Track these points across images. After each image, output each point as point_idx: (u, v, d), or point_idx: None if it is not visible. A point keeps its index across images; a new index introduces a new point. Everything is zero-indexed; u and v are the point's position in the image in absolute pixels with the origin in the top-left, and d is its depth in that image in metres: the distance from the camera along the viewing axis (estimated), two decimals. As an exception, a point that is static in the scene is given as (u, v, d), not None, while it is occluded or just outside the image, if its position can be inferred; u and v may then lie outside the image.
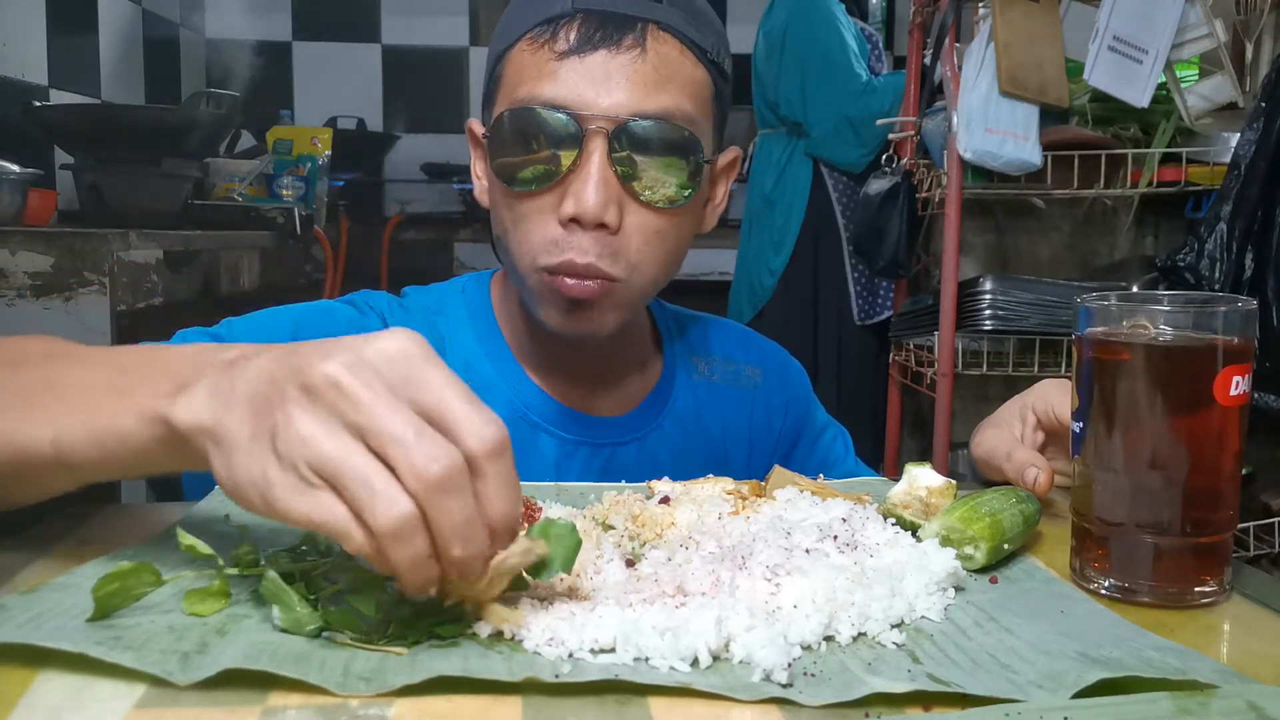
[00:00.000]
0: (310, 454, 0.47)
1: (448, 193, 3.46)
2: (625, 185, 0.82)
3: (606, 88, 0.81)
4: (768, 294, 2.75)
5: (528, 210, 0.84)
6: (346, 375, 0.48)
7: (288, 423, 0.48)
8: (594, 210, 0.80)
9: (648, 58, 0.82)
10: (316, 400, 0.48)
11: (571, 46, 0.81)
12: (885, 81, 2.60)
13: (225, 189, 2.39)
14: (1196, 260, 1.73)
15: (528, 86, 0.82)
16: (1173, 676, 0.48)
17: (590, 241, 0.82)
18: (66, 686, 0.46)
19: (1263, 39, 1.94)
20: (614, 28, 0.81)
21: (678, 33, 0.83)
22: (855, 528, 0.65)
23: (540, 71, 0.82)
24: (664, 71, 0.82)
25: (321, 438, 0.47)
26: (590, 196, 0.80)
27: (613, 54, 0.81)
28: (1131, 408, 0.61)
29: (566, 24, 0.82)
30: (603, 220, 0.81)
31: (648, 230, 0.84)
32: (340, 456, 0.47)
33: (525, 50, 0.84)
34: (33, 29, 2.37)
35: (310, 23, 3.62)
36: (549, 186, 0.82)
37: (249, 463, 0.49)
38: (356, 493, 0.47)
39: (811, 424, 1.09)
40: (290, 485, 0.48)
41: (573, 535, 0.53)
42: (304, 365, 0.49)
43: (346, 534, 0.47)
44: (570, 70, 0.81)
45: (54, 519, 0.72)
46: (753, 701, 0.46)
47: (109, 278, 1.64)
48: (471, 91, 3.69)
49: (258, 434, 0.49)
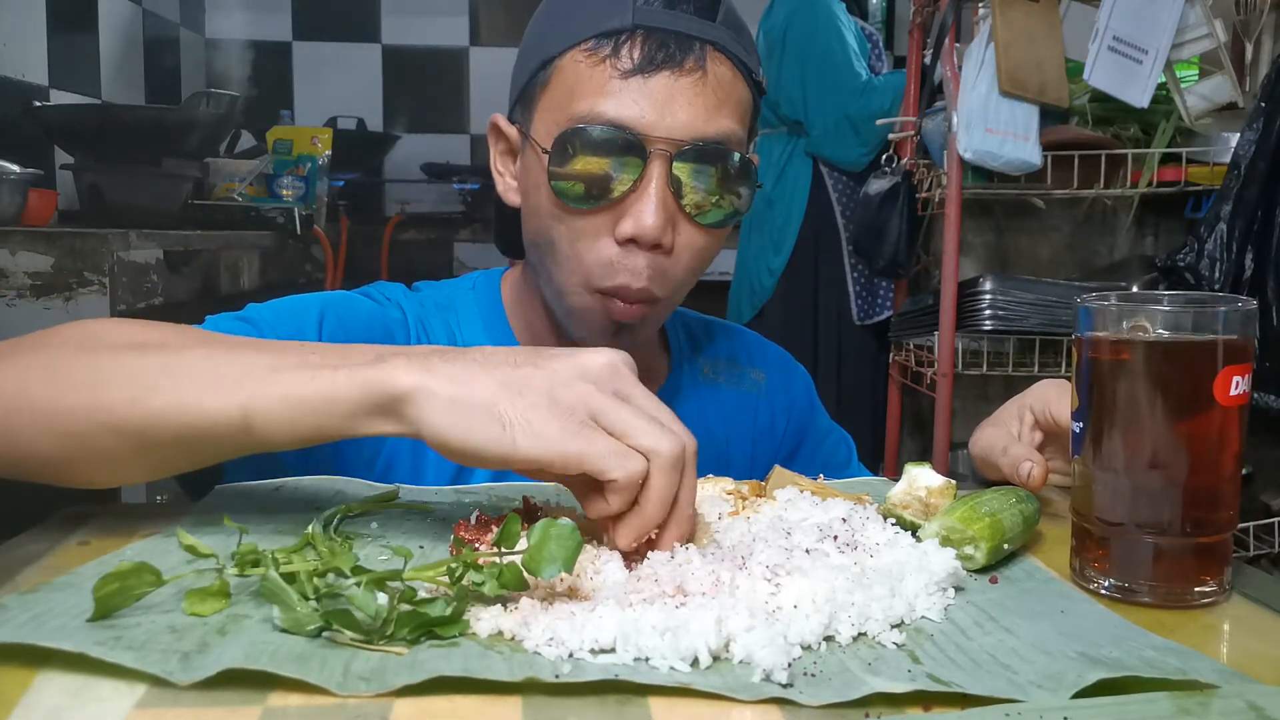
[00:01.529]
0: (593, 403, 0.59)
1: (448, 193, 3.46)
2: (680, 207, 0.83)
3: (670, 110, 0.81)
4: (767, 294, 2.75)
5: (582, 227, 0.84)
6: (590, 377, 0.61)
7: (568, 383, 0.60)
8: (653, 232, 0.82)
9: (708, 81, 0.83)
10: (590, 376, 0.61)
11: (636, 66, 0.81)
12: (886, 80, 2.60)
13: (225, 189, 2.39)
14: (1196, 260, 1.73)
15: (588, 102, 0.82)
16: (1173, 676, 0.48)
17: (645, 263, 0.83)
18: (66, 686, 0.46)
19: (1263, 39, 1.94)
20: (676, 48, 0.82)
21: (731, 54, 0.84)
22: (855, 528, 0.65)
23: (602, 89, 0.82)
24: (720, 95, 0.83)
25: (600, 396, 0.60)
26: (650, 218, 0.81)
27: (675, 76, 0.82)
28: (1131, 408, 0.61)
29: (628, 41, 0.82)
30: (660, 242, 0.82)
31: (695, 249, 0.86)
32: (618, 407, 0.60)
33: (581, 62, 0.83)
34: (33, 29, 2.37)
35: (310, 23, 3.62)
36: (606, 205, 0.83)
37: (504, 409, 0.59)
38: (634, 428, 0.59)
39: (815, 429, 1.09)
40: (565, 427, 0.58)
41: (573, 535, 0.53)
42: (552, 358, 0.62)
43: (607, 466, 0.58)
44: (635, 90, 0.81)
45: (54, 519, 0.72)
46: (753, 701, 0.46)
47: (109, 278, 1.64)
48: (471, 91, 3.69)
49: (513, 391, 0.59)
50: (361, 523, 0.71)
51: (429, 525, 0.71)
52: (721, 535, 0.65)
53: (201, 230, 2.10)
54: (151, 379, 0.63)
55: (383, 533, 0.69)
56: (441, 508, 0.75)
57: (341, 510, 0.71)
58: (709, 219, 0.85)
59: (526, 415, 0.58)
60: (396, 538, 0.68)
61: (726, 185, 0.84)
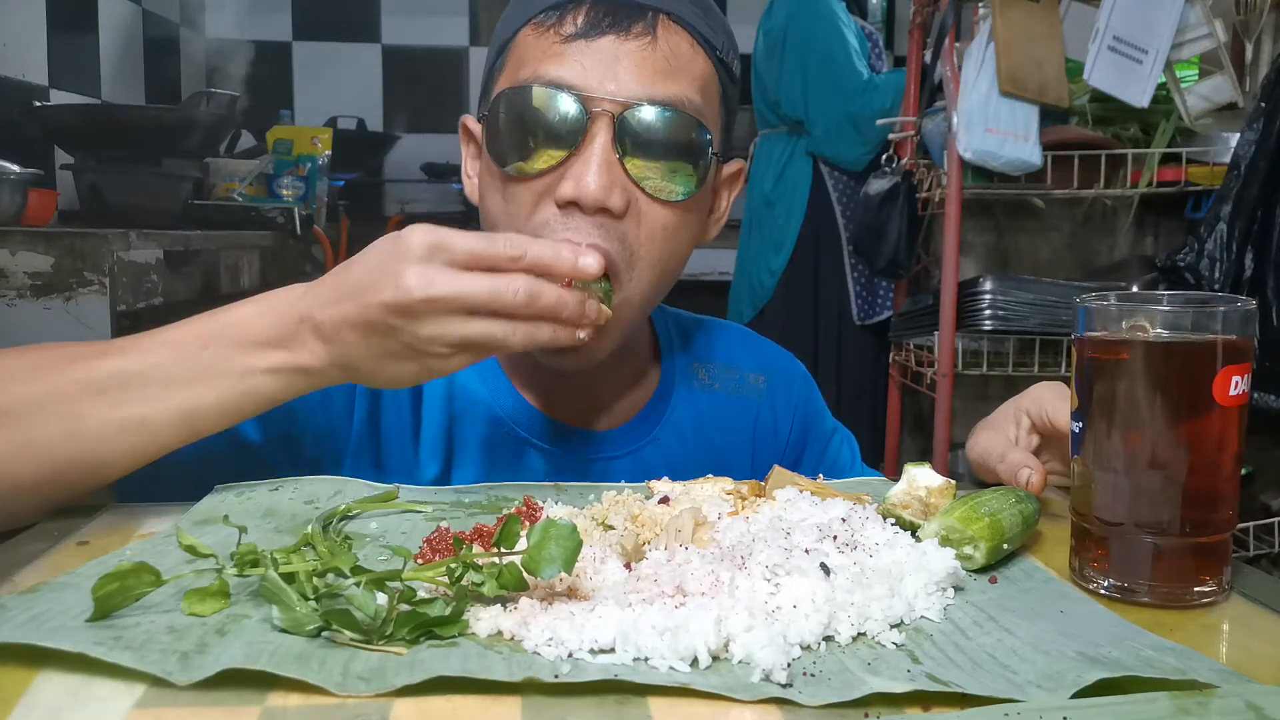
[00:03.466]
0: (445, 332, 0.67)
1: (448, 193, 3.46)
2: (630, 174, 0.79)
3: (614, 71, 0.78)
4: (768, 294, 2.75)
5: (521, 194, 0.80)
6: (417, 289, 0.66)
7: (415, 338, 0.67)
8: (596, 193, 0.76)
9: (658, 46, 0.79)
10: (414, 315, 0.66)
11: (579, 30, 0.79)
12: (886, 79, 2.60)
13: (225, 189, 2.39)
14: (1196, 260, 1.73)
15: (530, 68, 0.80)
16: (1172, 676, 0.48)
17: (592, 225, 0.78)
18: (66, 686, 0.46)
19: (1263, 39, 1.94)
20: (624, 14, 0.79)
21: (689, 26, 0.82)
22: (855, 528, 0.65)
23: (544, 54, 0.79)
24: (674, 62, 0.80)
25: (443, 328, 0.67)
26: (592, 179, 0.76)
27: (622, 39, 0.79)
28: (1131, 408, 0.61)
29: (574, 9, 0.80)
30: (605, 204, 0.77)
31: (653, 225, 0.81)
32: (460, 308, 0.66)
33: (529, 35, 0.81)
34: (33, 29, 2.37)
35: (310, 23, 3.62)
36: (547, 170, 0.78)
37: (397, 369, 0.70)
38: (486, 302, 0.66)
39: (819, 430, 1.06)
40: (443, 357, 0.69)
41: (573, 535, 0.53)
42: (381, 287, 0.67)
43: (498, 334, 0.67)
44: (576, 52, 0.78)
45: (54, 519, 0.72)
46: (752, 701, 0.46)
47: (109, 278, 1.64)
48: (471, 92, 3.69)
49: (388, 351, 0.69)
50: (361, 523, 0.71)
51: (429, 525, 0.71)
52: (721, 535, 0.65)
53: (201, 230, 2.10)
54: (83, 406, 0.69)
55: (382, 533, 0.69)
56: (441, 508, 0.75)
57: (341, 510, 0.71)
58: (662, 187, 0.80)
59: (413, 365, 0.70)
60: (396, 538, 0.68)
61: (680, 154, 0.80)
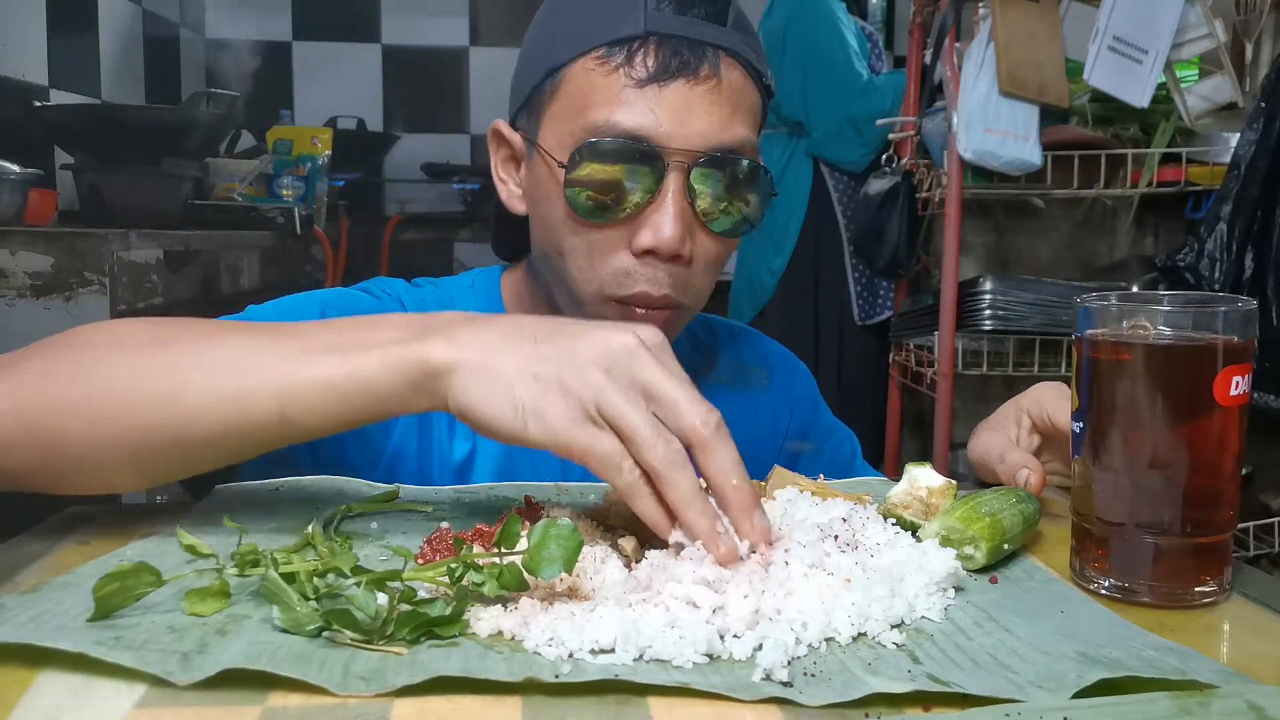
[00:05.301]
0: (603, 399, 0.58)
1: (448, 193, 3.46)
2: (698, 216, 0.83)
3: (686, 119, 0.80)
4: (768, 294, 2.75)
5: (597, 240, 0.83)
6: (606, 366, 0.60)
7: (582, 371, 0.59)
8: (672, 244, 0.81)
9: (722, 88, 0.82)
10: (604, 363, 0.60)
11: (651, 74, 0.80)
12: (886, 80, 2.60)
13: (225, 189, 2.39)
14: (1196, 260, 1.72)
15: (602, 112, 0.81)
16: (1173, 676, 0.48)
17: (664, 273, 0.83)
18: (66, 686, 0.46)
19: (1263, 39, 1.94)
20: (690, 55, 0.81)
21: (743, 60, 0.84)
22: (855, 528, 0.65)
23: (615, 98, 0.81)
24: (735, 101, 0.83)
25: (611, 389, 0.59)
26: (668, 230, 0.80)
27: (691, 84, 0.81)
28: (1131, 408, 0.61)
29: (640, 48, 0.81)
30: (679, 253, 0.82)
31: (710, 257, 0.85)
32: (626, 405, 0.58)
33: (593, 70, 0.82)
34: (33, 29, 2.36)
35: (310, 23, 3.62)
36: (623, 217, 0.82)
37: (519, 392, 0.59)
38: (636, 433, 0.58)
39: (819, 427, 1.08)
40: (573, 419, 0.58)
41: (573, 535, 0.53)
42: (573, 336, 0.61)
43: (617, 467, 0.58)
44: (650, 99, 0.80)
45: (54, 519, 0.72)
46: (753, 701, 0.46)
47: (109, 278, 1.64)
48: (471, 91, 3.69)
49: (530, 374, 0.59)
50: (361, 523, 0.71)
51: (429, 525, 0.71)
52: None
53: (201, 230, 2.10)
54: (183, 376, 0.63)
55: (383, 533, 0.69)
56: (441, 508, 0.75)
57: (341, 510, 0.71)
58: (722, 226, 0.84)
59: (538, 402, 0.58)
60: (396, 538, 0.68)
61: (740, 193, 0.84)
